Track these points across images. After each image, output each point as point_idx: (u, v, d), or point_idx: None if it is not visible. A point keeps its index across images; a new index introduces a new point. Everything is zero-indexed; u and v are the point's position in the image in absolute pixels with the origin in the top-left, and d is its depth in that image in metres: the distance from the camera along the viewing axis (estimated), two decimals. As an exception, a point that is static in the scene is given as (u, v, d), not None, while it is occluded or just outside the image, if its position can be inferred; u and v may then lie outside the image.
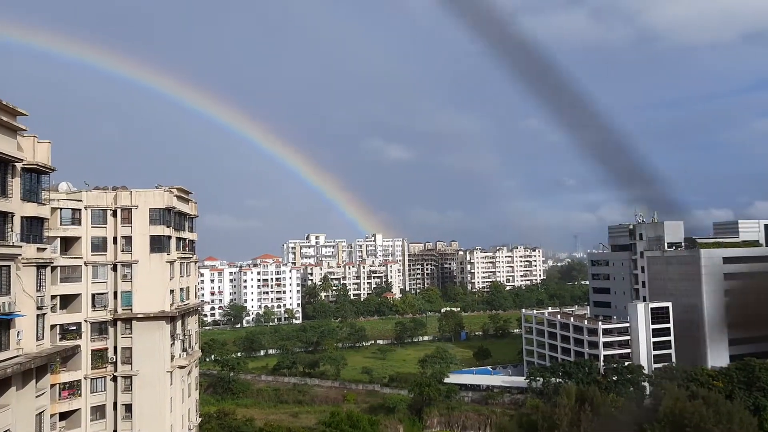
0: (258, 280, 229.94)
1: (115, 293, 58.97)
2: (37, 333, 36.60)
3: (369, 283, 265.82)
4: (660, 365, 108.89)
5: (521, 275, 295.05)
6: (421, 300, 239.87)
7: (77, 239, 57.08)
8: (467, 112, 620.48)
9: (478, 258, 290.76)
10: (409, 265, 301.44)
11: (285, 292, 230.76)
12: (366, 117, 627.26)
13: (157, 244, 60.38)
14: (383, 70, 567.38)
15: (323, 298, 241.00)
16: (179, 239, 65.29)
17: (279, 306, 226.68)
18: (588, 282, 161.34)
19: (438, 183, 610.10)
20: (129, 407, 58.12)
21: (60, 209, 55.44)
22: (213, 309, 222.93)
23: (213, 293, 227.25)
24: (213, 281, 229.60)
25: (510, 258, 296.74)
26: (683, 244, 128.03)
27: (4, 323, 32.87)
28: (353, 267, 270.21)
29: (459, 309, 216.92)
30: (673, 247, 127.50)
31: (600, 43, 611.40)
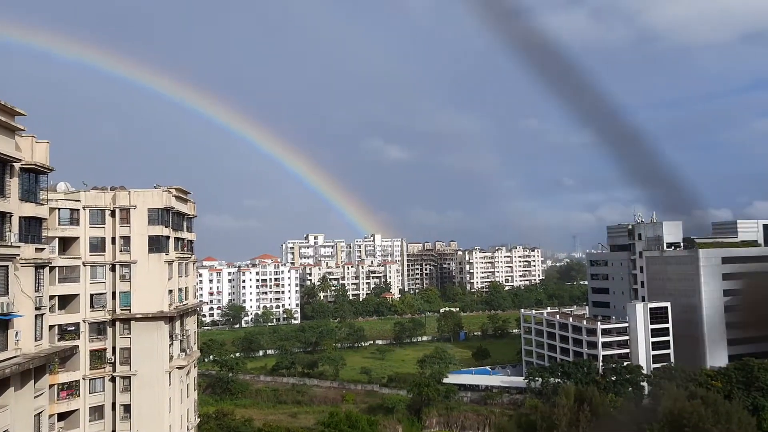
0: (257, 280, 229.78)
1: (114, 293, 58.90)
2: (36, 333, 36.56)
3: (368, 284, 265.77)
4: (659, 365, 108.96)
5: (520, 275, 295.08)
6: (420, 300, 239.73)
7: (75, 239, 57.02)
8: (467, 112, 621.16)
9: (477, 258, 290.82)
10: (408, 266, 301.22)
11: (284, 292, 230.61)
12: (366, 117, 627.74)
13: (156, 244, 60.31)
14: (383, 70, 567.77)
15: (322, 298, 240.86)
16: (178, 239, 65.23)
17: (278, 306, 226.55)
18: (587, 282, 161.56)
19: (437, 183, 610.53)
20: (127, 408, 58.07)
21: (58, 209, 55.38)
22: (212, 309, 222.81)
23: (212, 293, 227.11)
24: (212, 281, 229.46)
25: (509, 258, 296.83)
26: (682, 244, 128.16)
27: (2, 323, 32.82)
28: (352, 267, 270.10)
29: (458, 309, 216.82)
30: (672, 247, 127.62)
31: (600, 44, 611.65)
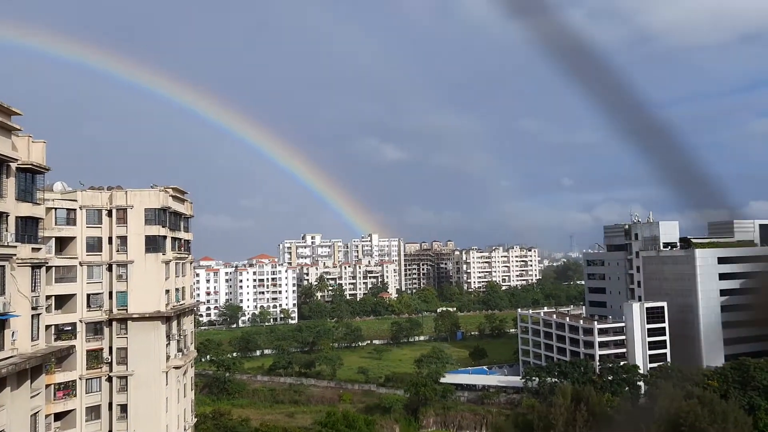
0: (254, 280, 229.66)
1: (111, 293, 58.73)
2: (32, 333, 36.49)
3: (365, 283, 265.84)
4: (655, 365, 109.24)
5: (517, 275, 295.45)
6: (417, 300, 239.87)
7: (72, 239, 56.87)
8: (464, 111, 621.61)
9: (474, 258, 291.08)
10: (405, 265, 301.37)
11: (281, 292, 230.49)
12: (363, 117, 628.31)
13: (153, 244, 60.17)
14: (380, 69, 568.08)
15: (319, 298, 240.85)
16: (175, 239, 65.13)
17: (275, 306, 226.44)
18: (584, 282, 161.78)
19: (434, 183, 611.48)
20: (124, 408, 57.93)
21: (55, 209, 55.20)
22: (209, 309, 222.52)
23: (209, 293, 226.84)
24: (209, 281, 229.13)
25: (506, 258, 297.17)
26: (678, 243, 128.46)
27: (-2, 323, 32.76)
28: (349, 267, 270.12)
29: (455, 309, 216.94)
30: (669, 247, 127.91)
31: (597, 45, 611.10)
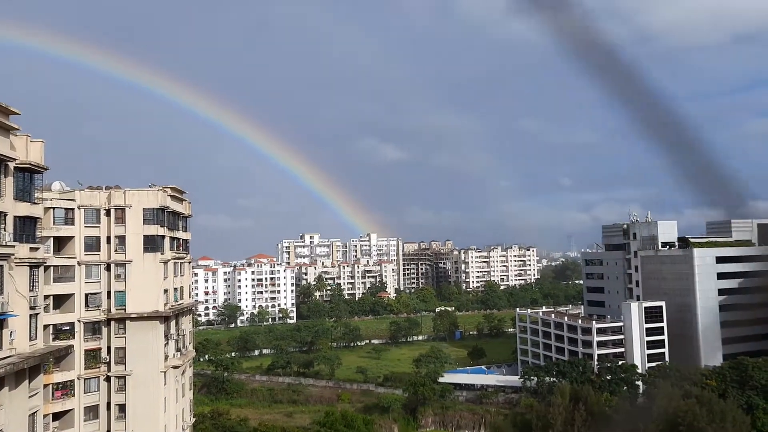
0: (252, 279, 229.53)
1: (109, 293, 58.62)
2: (30, 333, 36.39)
3: (363, 283, 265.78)
4: (654, 364, 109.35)
5: (515, 275, 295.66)
6: (416, 299, 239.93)
7: (70, 239, 56.76)
8: (464, 111, 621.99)
9: (472, 257, 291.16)
10: (404, 265, 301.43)
11: (279, 291, 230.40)
12: (362, 116, 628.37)
13: (151, 243, 60.08)
14: (379, 69, 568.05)
15: (318, 297, 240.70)
16: (173, 239, 65.03)
17: (273, 306, 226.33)
18: (582, 281, 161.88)
19: (433, 183, 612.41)
20: (122, 407, 57.84)
21: (53, 209, 55.09)
22: (207, 309, 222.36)
23: (207, 293, 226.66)
24: (207, 281, 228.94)
25: (504, 257, 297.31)
26: (677, 243, 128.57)
27: (-4, 323, 32.68)
28: (348, 267, 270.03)
29: (453, 308, 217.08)
30: (667, 247, 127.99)
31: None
